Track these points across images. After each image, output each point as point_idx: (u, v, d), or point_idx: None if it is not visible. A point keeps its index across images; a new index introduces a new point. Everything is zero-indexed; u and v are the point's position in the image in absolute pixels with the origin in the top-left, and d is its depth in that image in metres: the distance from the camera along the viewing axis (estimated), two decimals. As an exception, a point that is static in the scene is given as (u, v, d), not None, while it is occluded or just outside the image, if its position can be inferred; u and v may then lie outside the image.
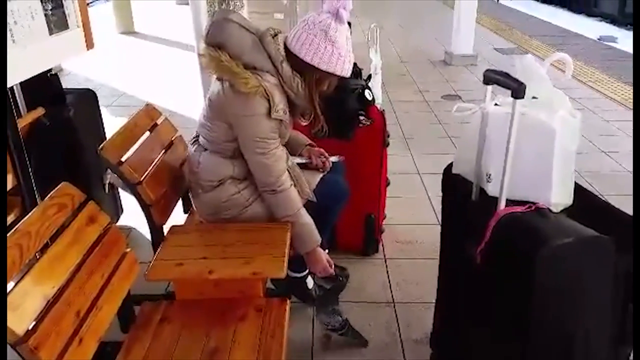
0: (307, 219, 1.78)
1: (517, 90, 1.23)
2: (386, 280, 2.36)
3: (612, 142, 3.74)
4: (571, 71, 1.47)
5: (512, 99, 1.26)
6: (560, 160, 1.32)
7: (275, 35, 1.70)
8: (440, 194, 1.66)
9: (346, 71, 1.71)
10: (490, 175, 1.37)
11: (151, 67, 6.03)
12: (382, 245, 2.57)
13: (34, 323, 1.11)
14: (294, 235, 1.75)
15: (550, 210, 1.32)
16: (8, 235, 1.15)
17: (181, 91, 4.82)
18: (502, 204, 1.31)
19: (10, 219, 2.01)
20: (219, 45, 1.62)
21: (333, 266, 1.92)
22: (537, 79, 1.33)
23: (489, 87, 1.37)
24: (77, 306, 1.24)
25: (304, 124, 1.88)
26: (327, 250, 1.95)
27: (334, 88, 1.79)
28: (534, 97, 1.35)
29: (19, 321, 1.06)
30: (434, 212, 2.87)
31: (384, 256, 2.52)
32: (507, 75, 1.28)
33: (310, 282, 2.14)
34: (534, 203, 1.31)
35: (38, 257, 1.22)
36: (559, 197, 1.34)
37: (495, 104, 1.42)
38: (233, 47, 1.62)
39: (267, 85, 1.62)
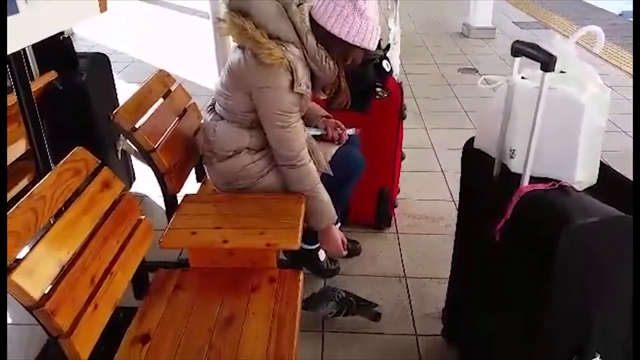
0: (325, 195, 1.75)
1: (548, 63, 1.18)
2: (398, 254, 2.35)
3: (632, 121, 3.65)
4: (601, 45, 1.41)
5: (540, 72, 1.21)
6: (587, 137, 1.28)
7: (300, 4, 1.63)
8: (455, 169, 1.62)
9: (373, 44, 1.65)
10: (514, 150, 1.33)
11: (163, 33, 5.95)
12: (395, 220, 2.55)
13: (49, 288, 1.11)
14: (310, 211, 1.73)
15: (574, 189, 1.28)
16: (23, 199, 1.14)
17: (194, 58, 4.77)
18: (526, 181, 1.28)
19: (23, 183, 2.01)
20: (242, 12, 1.56)
21: (346, 246, 1.89)
22: (566, 52, 1.27)
23: (517, 59, 1.32)
24: (91, 272, 1.24)
25: (324, 97, 1.83)
26: (339, 224, 1.93)
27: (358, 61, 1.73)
28: (561, 72, 1.30)
29: (34, 285, 1.06)
30: (447, 188, 2.84)
31: (397, 230, 2.50)
32: (537, 47, 1.22)
33: (322, 254, 2.13)
34: (557, 181, 1.28)
35: (52, 222, 1.21)
36: (584, 175, 1.31)
37: (522, 77, 1.37)
38: (258, 16, 1.56)
39: (292, 58, 1.57)
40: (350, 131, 1.99)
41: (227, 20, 1.58)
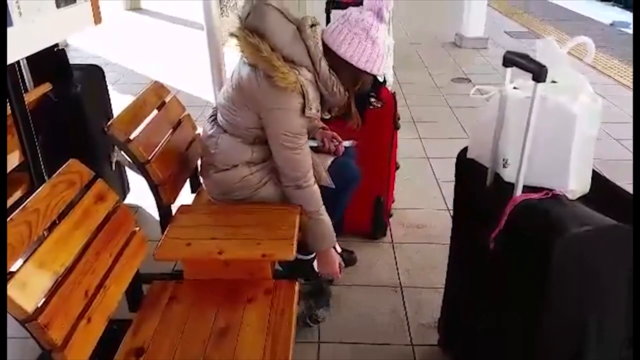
0: (327, 217, 1.75)
1: (539, 73, 1.19)
2: (394, 264, 2.34)
3: (624, 130, 3.68)
4: (592, 56, 1.43)
5: (532, 82, 1.22)
6: (580, 146, 1.28)
7: (313, 25, 1.63)
8: (449, 178, 1.63)
9: (382, 70, 1.67)
10: (507, 160, 1.34)
11: (157, 44, 5.96)
12: (390, 229, 2.55)
13: (42, 301, 1.10)
14: (311, 233, 1.73)
15: (567, 198, 1.29)
16: (16, 212, 1.14)
17: (188, 69, 4.77)
18: (519, 190, 1.28)
19: (17, 195, 2.00)
20: (257, 32, 1.55)
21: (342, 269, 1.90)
22: (558, 62, 1.29)
23: (509, 70, 1.33)
24: (85, 285, 1.23)
25: (328, 117, 1.84)
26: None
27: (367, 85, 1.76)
28: (553, 82, 1.32)
29: (27, 299, 1.05)
30: (442, 197, 2.84)
31: (392, 240, 2.50)
32: (528, 57, 1.24)
33: (317, 264, 2.12)
34: (550, 190, 1.29)
35: (46, 235, 1.20)
36: (577, 184, 1.31)
37: (514, 87, 1.38)
38: (274, 39, 1.55)
39: (304, 82, 1.57)
40: (347, 143, 1.99)
41: (240, 37, 1.57)
